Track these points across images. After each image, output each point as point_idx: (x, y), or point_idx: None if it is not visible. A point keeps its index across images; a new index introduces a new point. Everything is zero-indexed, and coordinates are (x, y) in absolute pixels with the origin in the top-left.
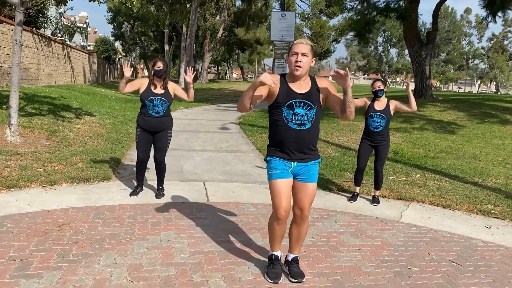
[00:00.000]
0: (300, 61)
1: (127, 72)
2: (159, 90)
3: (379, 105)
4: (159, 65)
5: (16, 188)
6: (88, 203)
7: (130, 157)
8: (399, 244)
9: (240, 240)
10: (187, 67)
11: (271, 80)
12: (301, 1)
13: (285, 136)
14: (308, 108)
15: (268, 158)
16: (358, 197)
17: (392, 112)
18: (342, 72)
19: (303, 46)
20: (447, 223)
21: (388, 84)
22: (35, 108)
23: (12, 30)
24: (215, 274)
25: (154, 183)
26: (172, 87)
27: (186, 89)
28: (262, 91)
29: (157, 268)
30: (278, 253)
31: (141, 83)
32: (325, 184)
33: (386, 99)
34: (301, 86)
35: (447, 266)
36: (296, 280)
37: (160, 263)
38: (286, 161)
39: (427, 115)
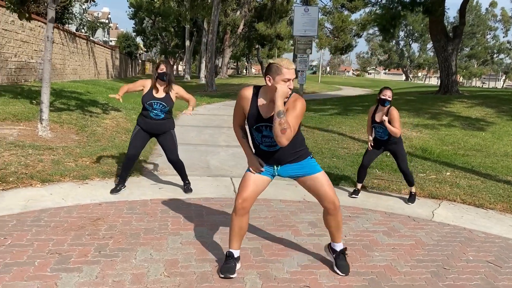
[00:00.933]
0: (292, 88)
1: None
2: (160, 94)
3: (380, 115)
4: (162, 68)
5: (50, 183)
6: (121, 198)
7: (158, 152)
8: (434, 243)
9: (272, 237)
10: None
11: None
12: None
13: (260, 155)
14: None
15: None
16: (360, 193)
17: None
18: None
19: (294, 72)
20: (481, 223)
21: (410, 79)
22: (63, 103)
23: (39, 26)
24: (250, 271)
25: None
26: (176, 90)
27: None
28: (242, 115)
29: (193, 264)
30: (235, 251)
31: (144, 85)
32: (353, 182)
33: (387, 108)
34: (270, 108)
35: (485, 267)
36: (343, 274)
37: (195, 259)
38: (268, 165)
39: (454, 111)
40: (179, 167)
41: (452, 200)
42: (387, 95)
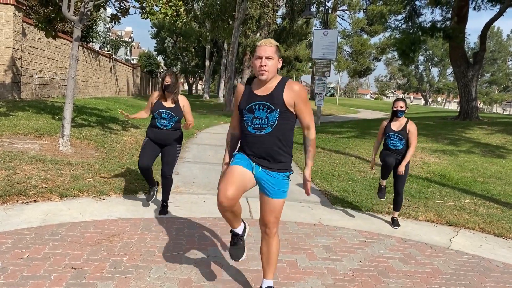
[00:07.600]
0: (265, 65)
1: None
2: (169, 104)
3: (397, 125)
4: (167, 80)
5: (68, 197)
6: (137, 215)
7: (175, 170)
8: (451, 272)
9: (286, 260)
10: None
11: None
12: (342, 19)
13: (246, 142)
14: (268, 111)
15: (234, 152)
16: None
17: (408, 134)
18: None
19: (268, 49)
20: (500, 253)
21: (429, 104)
22: (84, 120)
23: (64, 44)
24: None
25: (199, 197)
26: (183, 103)
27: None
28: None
29: (206, 284)
30: (237, 229)
31: (153, 98)
32: (370, 206)
33: (405, 120)
34: (265, 89)
35: None
36: None
37: (208, 279)
38: (250, 160)
39: (474, 138)
40: (167, 183)
41: (470, 228)
42: (399, 105)
